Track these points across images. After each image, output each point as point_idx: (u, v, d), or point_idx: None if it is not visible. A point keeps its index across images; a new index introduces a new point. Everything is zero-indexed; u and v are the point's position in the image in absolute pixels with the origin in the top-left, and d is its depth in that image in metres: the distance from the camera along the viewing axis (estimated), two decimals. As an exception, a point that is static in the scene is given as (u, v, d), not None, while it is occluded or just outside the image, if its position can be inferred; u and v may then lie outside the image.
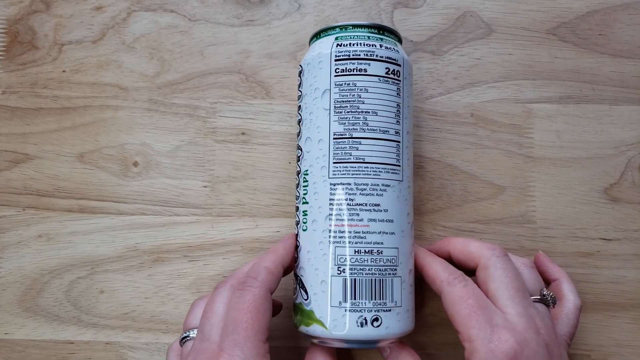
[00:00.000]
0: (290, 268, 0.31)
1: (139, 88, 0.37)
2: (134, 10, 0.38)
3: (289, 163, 0.37)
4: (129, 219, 0.36)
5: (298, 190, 0.31)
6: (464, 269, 0.30)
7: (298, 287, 0.30)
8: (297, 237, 0.31)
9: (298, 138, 0.32)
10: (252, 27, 0.38)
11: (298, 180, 0.31)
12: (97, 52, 0.38)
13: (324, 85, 0.30)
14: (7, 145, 0.37)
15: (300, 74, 0.32)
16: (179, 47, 0.38)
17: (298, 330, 0.30)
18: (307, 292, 0.30)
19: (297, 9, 0.38)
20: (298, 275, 0.30)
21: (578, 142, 0.37)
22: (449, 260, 0.31)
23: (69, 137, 0.37)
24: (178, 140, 0.37)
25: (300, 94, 0.32)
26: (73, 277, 0.36)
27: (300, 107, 0.32)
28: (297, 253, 0.31)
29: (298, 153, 0.32)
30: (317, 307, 0.29)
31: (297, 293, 0.30)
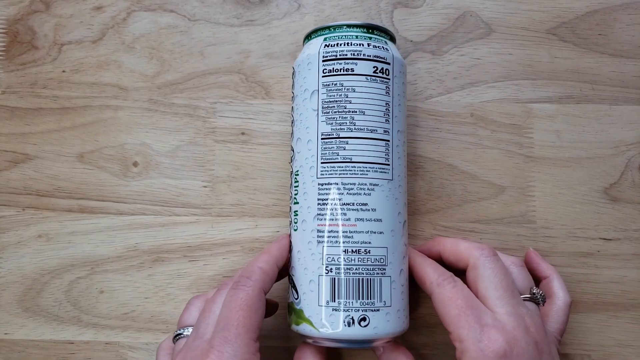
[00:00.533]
0: (286, 269, 0.31)
1: (139, 88, 0.37)
2: (134, 10, 0.38)
3: (289, 163, 0.37)
4: (129, 219, 0.36)
5: (291, 191, 0.32)
6: (454, 269, 0.30)
7: (290, 286, 0.31)
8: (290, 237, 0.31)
9: (291, 139, 0.32)
10: (252, 27, 0.38)
11: (291, 181, 0.32)
12: (97, 52, 0.38)
13: (313, 86, 0.30)
14: (7, 145, 0.37)
15: (293, 76, 0.32)
16: (179, 47, 0.38)
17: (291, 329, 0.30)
18: (297, 291, 0.30)
19: (296, 9, 0.38)
20: (290, 275, 0.31)
21: (578, 142, 0.37)
22: (439, 261, 0.31)
23: (69, 137, 0.37)
24: (178, 140, 0.37)
25: (293, 96, 0.32)
26: (73, 277, 0.36)
27: (293, 108, 0.32)
28: (290, 253, 0.31)
29: (291, 154, 0.32)
30: (306, 306, 0.29)
31: (289, 292, 0.31)
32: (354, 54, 0.30)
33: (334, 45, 0.30)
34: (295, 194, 0.31)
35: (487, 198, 0.36)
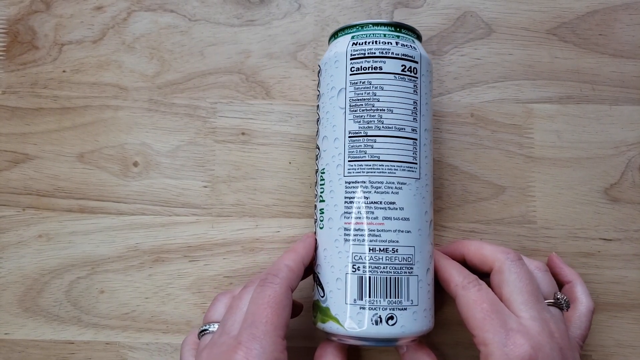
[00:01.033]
0: (311, 267, 0.31)
1: (139, 88, 0.37)
2: (134, 10, 0.38)
3: (289, 163, 0.37)
4: (129, 219, 0.36)
5: (316, 189, 0.32)
6: (478, 272, 0.30)
7: (315, 284, 0.31)
8: (315, 235, 0.31)
9: (316, 137, 0.32)
10: (252, 27, 0.38)
11: (316, 179, 0.32)
12: (97, 52, 0.38)
13: (340, 84, 0.30)
14: (7, 145, 0.37)
15: (319, 74, 0.32)
16: (179, 47, 0.38)
17: (317, 328, 0.30)
18: (323, 289, 0.30)
19: (297, 9, 0.38)
20: (316, 273, 0.31)
21: (578, 142, 0.37)
22: (463, 263, 0.31)
23: (69, 137, 0.37)
24: (178, 140, 0.37)
25: (319, 94, 0.32)
26: (73, 277, 0.36)
27: (319, 106, 0.32)
28: (315, 251, 0.31)
29: (316, 152, 0.32)
30: (332, 304, 0.29)
31: (315, 290, 0.31)
32: (382, 52, 0.30)
33: (362, 44, 0.30)
34: (321, 192, 0.31)
35: (487, 198, 0.36)
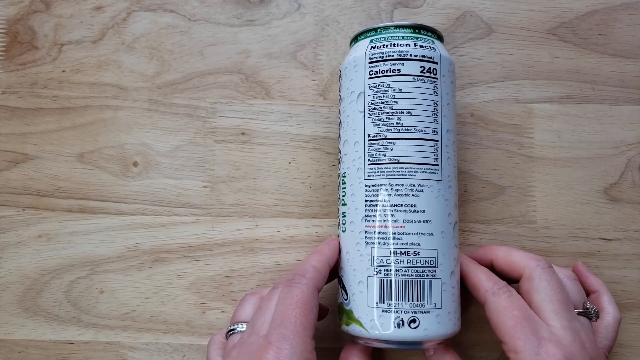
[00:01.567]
0: (336, 270, 0.31)
1: (139, 88, 0.37)
2: (134, 10, 0.38)
3: (289, 163, 0.37)
4: (129, 219, 0.36)
5: (338, 192, 0.32)
6: (506, 279, 0.30)
7: (340, 287, 0.31)
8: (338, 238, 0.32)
9: (338, 141, 0.32)
10: (252, 27, 0.38)
11: (339, 183, 0.32)
12: (97, 52, 0.38)
13: (359, 88, 0.30)
14: (6, 146, 0.37)
15: (340, 78, 0.33)
16: (179, 47, 0.38)
17: (342, 329, 0.30)
18: (346, 292, 0.30)
19: (296, 9, 0.38)
20: (339, 276, 0.31)
21: (578, 142, 0.37)
22: (490, 269, 0.31)
23: (69, 137, 0.37)
24: (178, 140, 0.37)
25: (340, 98, 0.32)
26: (73, 277, 0.36)
27: (340, 110, 0.32)
28: (339, 254, 0.31)
29: (338, 156, 0.32)
30: (355, 307, 0.29)
31: (339, 293, 0.31)
32: (401, 55, 0.30)
33: (380, 47, 0.30)
34: (343, 196, 0.31)
35: (487, 198, 0.36)
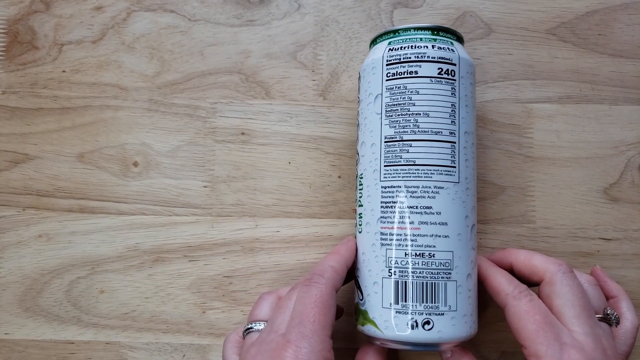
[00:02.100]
0: (352, 271, 0.31)
1: (139, 88, 0.37)
2: (134, 10, 0.38)
3: (289, 163, 0.37)
4: (129, 219, 0.36)
5: (355, 193, 0.32)
6: (525, 282, 0.30)
7: (356, 287, 0.31)
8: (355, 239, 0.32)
9: (356, 142, 0.32)
10: (252, 27, 0.38)
11: (356, 184, 0.32)
12: (97, 52, 0.38)
13: (377, 90, 0.30)
14: (7, 146, 0.37)
15: (359, 80, 0.33)
16: (179, 47, 0.38)
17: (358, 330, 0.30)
18: (362, 292, 0.30)
19: (297, 9, 0.38)
20: (356, 276, 0.31)
21: (578, 142, 0.37)
22: (510, 272, 0.31)
23: (69, 137, 0.37)
24: (178, 140, 0.37)
25: (358, 100, 0.32)
26: (73, 277, 0.36)
27: (358, 112, 0.32)
28: (356, 255, 0.31)
29: (356, 157, 0.32)
30: (370, 307, 0.29)
31: (355, 293, 0.31)
32: (418, 57, 0.29)
33: (398, 49, 0.30)
34: (360, 197, 0.31)
35: (487, 198, 0.36)
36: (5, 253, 0.36)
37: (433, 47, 0.30)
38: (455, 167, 0.29)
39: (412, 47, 0.30)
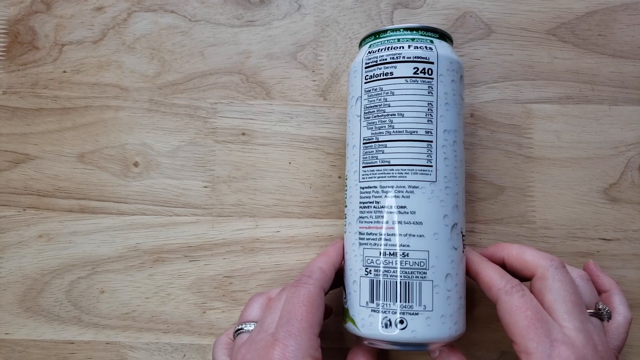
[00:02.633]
0: (340, 273, 0.32)
1: (140, 88, 0.38)
2: (135, 11, 0.38)
3: (289, 163, 0.37)
4: (130, 219, 0.36)
5: (344, 195, 0.32)
6: (517, 277, 0.30)
7: (343, 286, 0.31)
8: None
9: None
10: (252, 27, 0.38)
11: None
12: (97, 52, 0.38)
13: (357, 93, 0.31)
14: (7, 146, 0.37)
15: (348, 84, 0.33)
16: (180, 47, 0.38)
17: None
18: (345, 291, 0.31)
19: (297, 10, 0.38)
20: (342, 275, 0.31)
21: (577, 142, 0.37)
22: (502, 267, 0.31)
23: (70, 137, 0.37)
24: (178, 141, 0.37)
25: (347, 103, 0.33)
26: (74, 277, 0.36)
27: (347, 115, 0.33)
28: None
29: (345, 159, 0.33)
30: (351, 305, 0.30)
31: (343, 292, 0.31)
32: (394, 58, 0.30)
33: (376, 51, 0.30)
34: (345, 198, 0.32)
35: (486, 198, 0.36)
36: (6, 253, 0.36)
37: (409, 46, 0.30)
38: (432, 166, 0.29)
39: (388, 48, 0.30)
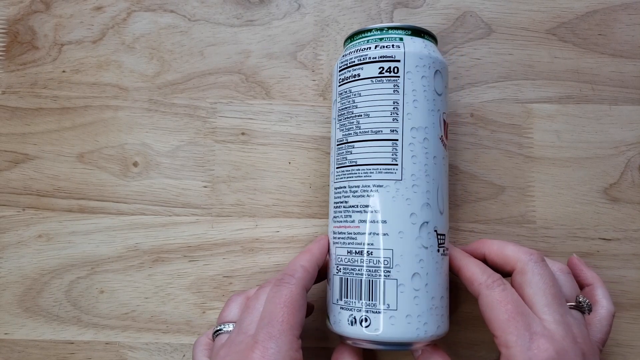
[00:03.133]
0: (325, 269, 0.31)
1: (139, 88, 0.37)
2: (134, 11, 0.38)
3: (289, 163, 0.37)
4: (129, 219, 0.36)
5: None
6: (499, 272, 0.30)
7: None
8: None
9: None
10: (252, 27, 0.38)
11: None
12: (97, 52, 0.38)
13: (334, 97, 0.32)
14: (7, 146, 0.37)
15: None
16: (179, 47, 0.38)
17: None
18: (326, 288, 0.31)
19: (297, 9, 0.38)
20: None
21: (578, 142, 0.37)
22: (484, 262, 0.31)
23: (69, 137, 0.37)
24: (178, 141, 0.37)
25: None
26: (73, 277, 0.36)
27: None
28: None
29: None
30: (327, 303, 0.31)
31: None
32: (361, 59, 0.30)
33: (347, 55, 0.31)
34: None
35: (486, 198, 0.36)
36: (5, 253, 0.36)
37: (376, 47, 0.30)
38: (397, 164, 0.29)
39: (357, 50, 0.31)
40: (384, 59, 0.30)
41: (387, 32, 0.30)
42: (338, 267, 0.30)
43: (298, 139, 0.37)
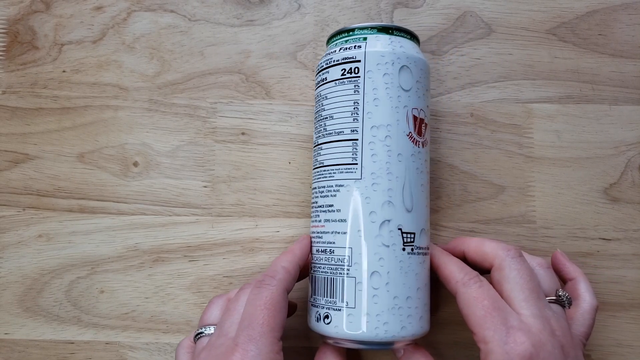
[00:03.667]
0: (307, 269, 0.31)
1: (139, 88, 0.37)
2: (134, 10, 0.38)
3: (289, 163, 0.37)
4: (129, 219, 0.36)
5: None
6: (479, 269, 0.30)
7: None
8: None
9: None
10: (252, 27, 0.38)
11: None
12: (97, 52, 0.38)
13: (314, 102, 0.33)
14: (7, 146, 0.37)
15: None
16: (179, 47, 0.38)
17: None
18: None
19: (297, 9, 0.38)
20: None
21: (578, 142, 0.37)
22: (464, 260, 0.31)
23: (69, 137, 0.37)
24: (178, 140, 0.37)
25: None
26: (73, 277, 0.36)
27: None
28: None
29: None
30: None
31: None
32: (328, 63, 0.31)
33: (321, 59, 0.32)
34: None
35: (486, 198, 0.36)
36: (5, 253, 0.36)
37: (340, 49, 0.31)
38: (357, 164, 0.29)
39: (326, 54, 0.32)
40: (346, 61, 0.30)
41: (352, 33, 0.31)
42: (311, 265, 0.31)
43: (298, 139, 0.37)
